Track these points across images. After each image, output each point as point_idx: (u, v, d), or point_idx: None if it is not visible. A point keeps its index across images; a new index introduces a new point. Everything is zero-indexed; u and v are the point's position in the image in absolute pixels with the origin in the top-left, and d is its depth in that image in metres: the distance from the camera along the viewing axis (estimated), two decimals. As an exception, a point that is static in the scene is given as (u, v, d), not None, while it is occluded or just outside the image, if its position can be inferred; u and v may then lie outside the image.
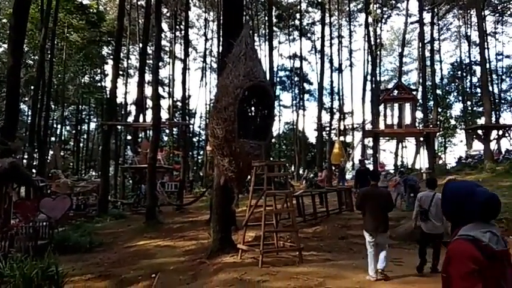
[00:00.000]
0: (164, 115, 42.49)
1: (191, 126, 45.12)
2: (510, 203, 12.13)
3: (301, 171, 38.19)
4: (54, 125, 43.41)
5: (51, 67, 27.68)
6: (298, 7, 44.52)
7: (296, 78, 51.02)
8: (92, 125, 54.34)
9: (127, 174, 27.66)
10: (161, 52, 35.94)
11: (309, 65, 51.70)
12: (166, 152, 31.18)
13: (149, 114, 35.02)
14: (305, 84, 50.74)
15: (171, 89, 42.06)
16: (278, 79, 50.12)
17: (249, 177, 10.58)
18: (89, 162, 52.69)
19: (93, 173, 43.09)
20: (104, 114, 34.81)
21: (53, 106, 42.16)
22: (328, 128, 44.77)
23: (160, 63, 38.00)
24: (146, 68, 31.60)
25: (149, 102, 37.66)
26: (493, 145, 27.92)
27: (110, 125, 21.03)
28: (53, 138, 41.70)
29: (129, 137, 37.72)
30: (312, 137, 51.22)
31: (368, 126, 37.55)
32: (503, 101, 45.28)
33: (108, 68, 46.00)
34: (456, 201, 1.91)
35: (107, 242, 12.30)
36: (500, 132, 28.57)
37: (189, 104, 47.50)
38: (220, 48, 15.19)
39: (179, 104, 40.92)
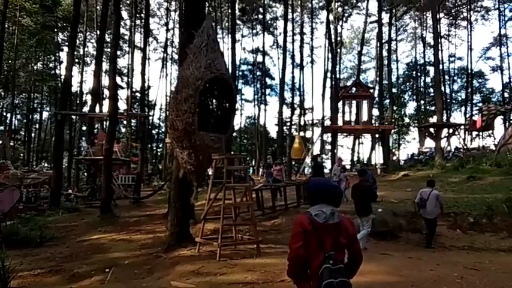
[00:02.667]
0: (122, 106, 41.47)
1: (150, 117, 44.26)
2: (458, 198, 12.85)
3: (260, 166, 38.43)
4: (4, 113, 41.14)
5: (1, 52, 26.08)
6: (262, 1, 44.54)
7: (258, 73, 51.20)
8: (45, 114, 52.00)
9: (81, 166, 26.71)
10: (120, 40, 34.93)
11: (271, 60, 52.02)
12: (123, 144, 30.34)
13: (106, 104, 33.87)
14: (267, 79, 51.07)
15: (129, 79, 40.82)
16: (240, 73, 50.16)
17: (208, 170, 10.53)
18: (40, 153, 50.37)
19: (45, 165, 41.34)
20: (58, 103, 33.26)
21: (2, 93, 39.97)
22: (289, 123, 45.38)
23: (118, 52, 36.88)
24: (104, 56, 30.45)
25: (106, 92, 36.43)
26: (443, 143, 29.39)
27: (63, 115, 20.17)
28: (1, 127, 39.49)
29: (84, 128, 36.38)
30: (273, 131, 51.78)
31: (327, 122, 38.37)
32: (454, 101, 47.66)
33: (63, 55, 44.06)
34: (311, 190, 2.81)
35: (59, 236, 11.82)
36: (451, 131, 30.12)
37: (149, 95, 46.55)
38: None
39: (138, 94, 39.92)
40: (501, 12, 43.07)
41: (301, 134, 41.60)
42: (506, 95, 43.58)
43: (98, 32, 26.51)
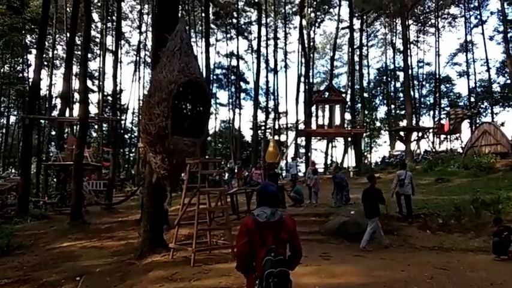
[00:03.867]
0: (93, 110, 40.59)
1: (122, 122, 43.45)
2: (428, 199, 13.20)
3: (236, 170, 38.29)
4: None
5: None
6: (236, 6, 44.65)
7: (233, 77, 51.16)
8: (12, 119, 50.23)
9: (50, 171, 25.93)
10: (90, 43, 34.19)
11: (245, 64, 52.15)
12: (94, 148, 29.67)
13: (76, 108, 33.03)
14: (242, 83, 51.10)
15: (101, 83, 40.05)
16: (215, 77, 50.01)
17: (182, 175, 10.43)
18: (7, 158, 48.57)
19: (13, 171, 39.91)
20: (26, 107, 32.17)
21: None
22: (263, 127, 45.56)
23: (89, 55, 36.13)
24: (74, 59, 29.76)
25: (77, 96, 35.57)
26: (413, 146, 30.19)
27: (32, 119, 19.54)
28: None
29: (53, 132, 35.32)
30: (247, 135, 51.77)
31: (301, 126, 38.76)
32: (423, 105, 49.04)
33: (32, 58, 42.70)
34: (258, 194, 3.22)
35: (27, 244, 11.45)
36: (420, 134, 30.99)
37: (121, 98, 45.68)
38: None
39: (110, 98, 39.17)
40: (467, 20, 44.78)
41: (276, 137, 41.84)
42: (472, 99, 45.21)
43: (68, 35, 25.90)
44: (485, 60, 43.46)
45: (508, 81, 38.01)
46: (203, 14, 37.80)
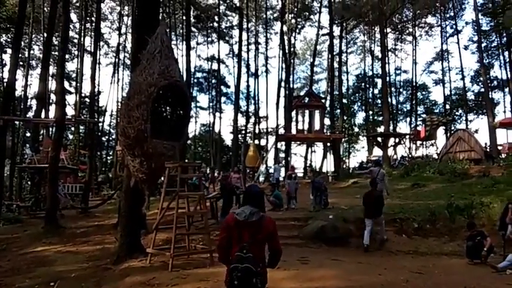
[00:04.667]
0: (70, 111, 39.72)
1: (100, 124, 42.73)
2: (404, 204, 13.42)
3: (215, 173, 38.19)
4: None
5: None
6: (217, 9, 44.66)
7: (214, 81, 51.05)
8: (-16, 120, 48.45)
9: (25, 174, 25.24)
10: (68, 44, 33.54)
11: (226, 68, 52.06)
12: (70, 151, 29.02)
13: (53, 109, 32.32)
14: (222, 87, 51.04)
15: (78, 84, 39.24)
16: (195, 80, 49.78)
17: (162, 178, 10.32)
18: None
19: (-16, 173, 38.47)
20: (0, 108, 31.30)
21: None
22: (243, 131, 45.58)
23: (67, 56, 35.41)
24: (51, 59, 29.10)
25: (53, 97, 34.75)
26: (390, 151, 30.76)
27: (6, 120, 18.93)
28: None
29: (28, 134, 34.44)
30: (228, 139, 51.64)
31: (281, 131, 38.96)
32: (400, 112, 50.07)
33: (7, 58, 41.52)
34: (244, 193, 3.50)
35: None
36: (397, 140, 31.60)
37: (99, 100, 44.91)
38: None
39: (87, 100, 38.42)
40: (443, 29, 46.15)
41: (256, 142, 41.95)
42: (447, 106, 46.46)
43: (45, 35, 25.34)
44: (460, 69, 44.94)
45: (482, 90, 39.19)
46: (184, 17, 37.70)
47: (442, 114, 43.80)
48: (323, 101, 33.15)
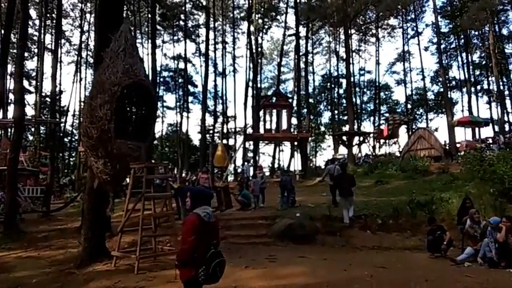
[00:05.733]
0: (30, 111, 38.22)
1: (62, 124, 41.30)
2: (368, 201, 13.79)
3: (183, 174, 37.80)
4: None
5: None
6: (183, 8, 44.12)
7: (180, 80, 50.38)
8: None
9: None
10: (28, 41, 32.22)
11: (193, 68, 51.48)
12: (30, 152, 27.92)
13: (11, 109, 30.91)
14: (190, 87, 50.45)
15: (39, 83, 37.75)
16: (162, 79, 48.94)
17: (127, 180, 10.10)
18: None
19: None
20: (-49, 108, 29.62)
21: None
22: (211, 131, 45.30)
23: (26, 54, 33.97)
24: (9, 57, 27.83)
25: (12, 96, 33.25)
26: (355, 150, 31.47)
27: (-42, 121, 18.05)
28: None
29: (-16, 135, 32.78)
30: (195, 139, 51.14)
31: (249, 130, 38.98)
32: (364, 111, 51.31)
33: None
34: (195, 195, 3.79)
35: (-47, 256, 10.50)
36: (361, 139, 32.38)
37: (61, 100, 43.38)
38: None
39: (48, 100, 37.04)
40: (405, 31, 47.67)
41: (224, 141, 41.80)
42: (409, 106, 48.05)
43: (3, 32, 24.20)
44: (420, 70, 46.71)
45: (441, 90, 40.74)
46: (149, 15, 37.03)
47: (404, 113, 45.30)
48: (290, 100, 33.50)
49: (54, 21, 33.41)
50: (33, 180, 22.98)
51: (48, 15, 38.20)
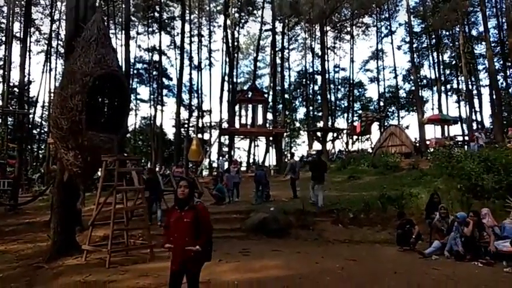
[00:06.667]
0: (-4, 102, 36.78)
1: (31, 116, 39.94)
2: (341, 195, 14.01)
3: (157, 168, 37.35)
4: None
5: None
6: (158, -1, 43.35)
7: (155, 72, 49.53)
8: None
9: None
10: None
11: (168, 60, 50.73)
12: (-3, 144, 26.95)
13: (-24, 99, 29.72)
14: (164, 79, 49.69)
15: (6, 73, 36.38)
16: (135, 71, 48.01)
17: (98, 173, 9.91)
18: None
19: None
20: None
21: None
22: (186, 125, 44.88)
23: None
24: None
25: (-24, 86, 32.00)
26: (329, 145, 31.89)
27: None
28: None
29: None
30: (170, 133, 50.54)
31: (224, 125, 38.89)
32: (338, 108, 51.92)
33: None
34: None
35: None
36: (335, 135, 32.83)
37: (29, 91, 41.94)
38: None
39: (16, 90, 35.72)
40: (378, 29, 48.44)
41: (199, 136, 41.50)
42: (381, 103, 48.98)
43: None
44: (393, 68, 47.63)
45: (413, 88, 41.68)
46: (123, 5, 36.17)
47: (377, 110, 46.14)
48: (266, 95, 33.55)
49: (23, 8, 32.28)
50: (0, 172, 22.22)
51: (17, 2, 36.79)
